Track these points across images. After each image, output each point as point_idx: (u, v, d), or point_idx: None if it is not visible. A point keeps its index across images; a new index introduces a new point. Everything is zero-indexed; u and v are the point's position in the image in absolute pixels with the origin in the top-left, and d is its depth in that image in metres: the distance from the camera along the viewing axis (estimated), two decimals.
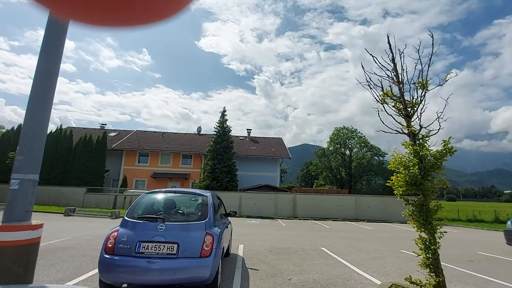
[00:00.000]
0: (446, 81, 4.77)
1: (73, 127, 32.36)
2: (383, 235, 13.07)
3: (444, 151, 4.35)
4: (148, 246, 3.95)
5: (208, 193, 5.17)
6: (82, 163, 23.72)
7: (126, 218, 4.38)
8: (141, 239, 4.00)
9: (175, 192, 5.35)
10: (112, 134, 32.22)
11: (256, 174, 28.69)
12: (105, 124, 35.52)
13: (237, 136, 33.47)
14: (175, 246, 3.96)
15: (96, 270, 4.12)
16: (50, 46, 3.40)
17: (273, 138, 35.52)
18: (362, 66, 5.35)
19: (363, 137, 51.36)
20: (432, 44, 4.79)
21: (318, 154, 54.78)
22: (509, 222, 9.24)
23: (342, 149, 52.07)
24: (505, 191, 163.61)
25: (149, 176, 28.04)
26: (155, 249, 3.93)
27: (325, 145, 56.48)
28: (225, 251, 5.37)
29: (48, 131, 24.60)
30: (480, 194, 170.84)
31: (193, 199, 5.39)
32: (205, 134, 34.25)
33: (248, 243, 9.23)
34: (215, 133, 25.77)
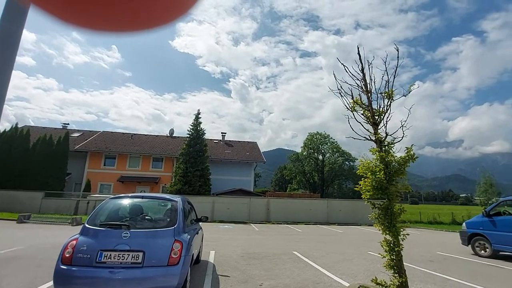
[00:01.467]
0: (410, 92, 5.08)
1: (31, 126, 29.86)
2: (352, 237, 13.53)
3: (407, 158, 4.61)
4: (110, 255, 3.71)
5: (178, 198, 4.99)
6: (41, 165, 21.89)
7: (86, 225, 4.09)
8: (103, 248, 3.75)
9: (142, 197, 5.10)
10: (76, 134, 30.24)
11: (230, 178, 28.47)
12: (68, 124, 33.27)
13: (211, 140, 33.02)
14: (141, 254, 3.76)
15: (52, 283, 3.78)
16: (4, 34, 3.08)
17: (248, 142, 35.57)
18: (334, 74, 5.54)
19: (335, 143, 53.27)
20: (398, 57, 5.08)
21: (292, 159, 55.80)
22: (464, 224, 10.02)
23: (315, 154, 53.52)
24: (461, 195, 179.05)
25: (116, 180, 26.63)
26: (119, 258, 3.71)
27: (299, 150, 57.75)
28: (195, 258, 5.21)
29: (2, 130, 22.50)
30: (439, 197, 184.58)
31: (162, 204, 5.17)
32: (178, 137, 33.38)
33: (220, 248, 9.06)
34: (189, 135, 25.21)
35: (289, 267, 6.84)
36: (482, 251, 8.98)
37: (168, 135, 33.94)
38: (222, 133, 34.79)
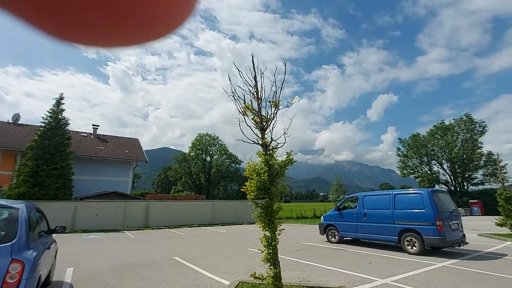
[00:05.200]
0: (292, 104, 5.78)
1: None
2: (234, 236, 14.19)
3: (287, 161, 5.20)
4: None
5: (20, 205, 3.77)
6: None
7: None
8: None
9: None
10: None
11: (102, 179, 24.34)
12: None
13: (77, 132, 27.35)
14: None
15: None
16: None
17: (128, 138, 31.47)
18: (229, 78, 5.65)
19: (224, 145, 55.02)
20: (285, 72, 5.71)
21: (179, 159, 53.67)
22: (322, 218, 12.35)
23: (203, 155, 53.49)
24: (320, 194, 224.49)
25: None
26: None
27: (186, 150, 56.22)
28: (43, 279, 4.03)
29: None
30: (305, 196, 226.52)
31: None
32: (26, 125, 25.69)
33: (82, 263, 7.49)
34: (44, 124, 19.78)
35: (169, 274, 6.40)
36: (333, 238, 11.31)
37: (11, 121, 25.60)
38: (93, 125, 29.19)
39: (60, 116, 20.40)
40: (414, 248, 8.62)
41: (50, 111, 20.31)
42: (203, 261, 7.81)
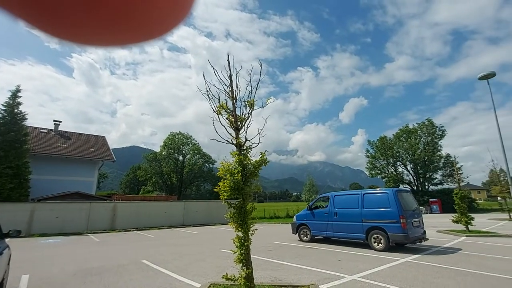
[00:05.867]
0: (267, 104, 5.80)
1: None
2: (206, 237, 13.93)
3: (261, 161, 5.20)
4: None
5: None
6: None
7: None
8: None
9: None
10: None
11: (64, 178, 22.72)
12: None
13: (36, 128, 25.36)
14: None
15: None
16: None
17: (94, 135, 29.70)
18: (203, 75, 5.52)
19: (197, 144, 53.89)
20: (260, 72, 5.69)
21: (149, 158, 51.64)
22: (294, 217, 12.53)
23: (176, 154, 51.98)
24: (293, 193, 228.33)
25: None
26: None
27: (157, 149, 54.30)
28: None
29: None
30: (279, 196, 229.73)
31: None
32: None
33: (39, 269, 6.92)
34: None
35: (136, 278, 6.11)
36: (305, 237, 11.52)
37: None
38: (55, 121, 27.10)
39: (16, 110, 18.74)
40: (380, 245, 9.06)
41: (5, 104, 18.59)
42: (173, 263, 7.57)
